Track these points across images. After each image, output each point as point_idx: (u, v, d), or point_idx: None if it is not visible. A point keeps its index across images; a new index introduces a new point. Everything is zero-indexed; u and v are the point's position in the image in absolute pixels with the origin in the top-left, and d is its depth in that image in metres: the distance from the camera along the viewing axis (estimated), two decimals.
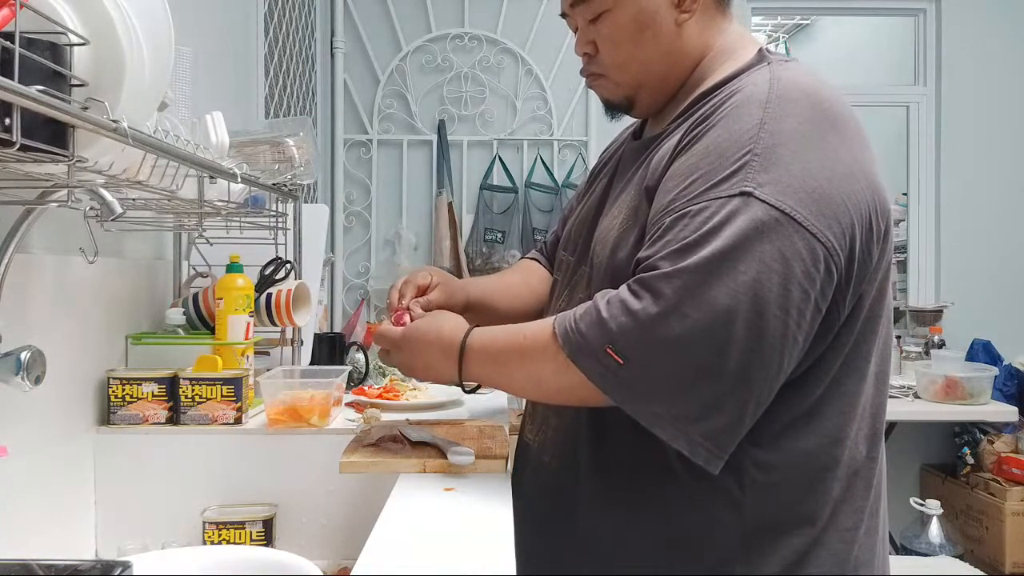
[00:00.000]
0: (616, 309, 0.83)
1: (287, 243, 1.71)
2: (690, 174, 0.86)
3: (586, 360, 0.84)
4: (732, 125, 0.86)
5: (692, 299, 0.79)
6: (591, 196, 1.13)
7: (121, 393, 1.28)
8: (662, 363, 0.80)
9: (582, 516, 0.97)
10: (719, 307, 0.78)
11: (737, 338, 0.78)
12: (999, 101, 3.49)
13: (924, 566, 2.37)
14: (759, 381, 0.81)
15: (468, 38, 3.43)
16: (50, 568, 0.78)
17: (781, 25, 4.86)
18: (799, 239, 0.80)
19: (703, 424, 0.80)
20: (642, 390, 0.82)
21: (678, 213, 0.84)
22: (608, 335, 0.82)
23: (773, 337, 0.80)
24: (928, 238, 3.55)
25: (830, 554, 0.90)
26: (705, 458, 0.81)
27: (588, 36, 1.02)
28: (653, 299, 0.80)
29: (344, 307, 3.42)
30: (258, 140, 1.49)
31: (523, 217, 3.35)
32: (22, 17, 0.67)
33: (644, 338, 0.81)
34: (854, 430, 0.91)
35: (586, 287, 1.00)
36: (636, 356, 0.81)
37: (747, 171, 0.82)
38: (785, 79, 0.89)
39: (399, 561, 0.78)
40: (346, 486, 1.27)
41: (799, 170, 0.82)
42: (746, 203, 0.81)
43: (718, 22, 1.01)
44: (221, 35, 2.10)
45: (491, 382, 1.00)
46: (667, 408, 0.81)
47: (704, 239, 0.81)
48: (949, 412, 2.79)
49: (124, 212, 0.88)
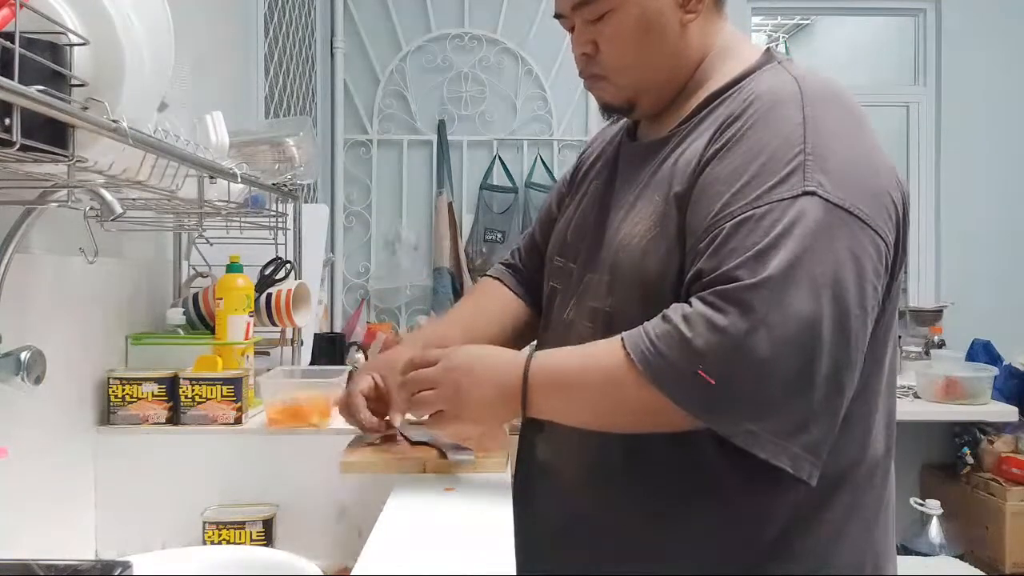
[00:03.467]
0: (701, 327, 0.78)
1: (287, 243, 1.71)
2: (739, 178, 0.84)
3: (673, 384, 0.79)
4: (774, 126, 0.85)
5: (780, 309, 0.76)
6: (585, 198, 1.10)
7: (121, 393, 1.28)
8: (757, 379, 0.77)
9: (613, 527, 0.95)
10: (805, 314, 0.76)
11: (825, 343, 0.77)
12: (999, 101, 3.49)
13: (924, 566, 2.37)
14: (848, 383, 0.80)
15: (468, 38, 3.43)
16: (50, 568, 0.78)
17: (781, 25, 4.86)
18: (865, 236, 0.81)
19: (803, 436, 0.78)
20: (736, 409, 0.78)
21: (739, 218, 0.81)
22: (697, 356, 0.77)
23: (856, 337, 0.79)
24: (928, 238, 3.55)
25: (854, 545, 0.90)
26: (808, 471, 0.79)
27: (588, 36, 0.98)
28: (741, 313, 0.77)
29: (344, 307, 3.42)
30: (258, 140, 1.49)
31: (523, 217, 3.35)
32: (22, 17, 0.67)
33: (736, 356, 0.77)
34: (875, 423, 0.91)
35: (605, 296, 0.96)
36: (729, 375, 0.77)
37: (805, 171, 0.81)
38: (809, 78, 0.90)
39: (399, 561, 0.78)
40: (346, 486, 1.27)
41: (851, 167, 0.83)
42: (812, 203, 0.80)
43: (716, 22, 1.00)
44: (221, 35, 2.10)
45: (558, 415, 0.91)
46: (764, 425, 0.77)
47: (777, 243, 0.78)
48: (949, 412, 2.79)
49: (124, 212, 0.88)
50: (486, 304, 1.23)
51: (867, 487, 0.91)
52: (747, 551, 0.89)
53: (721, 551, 0.90)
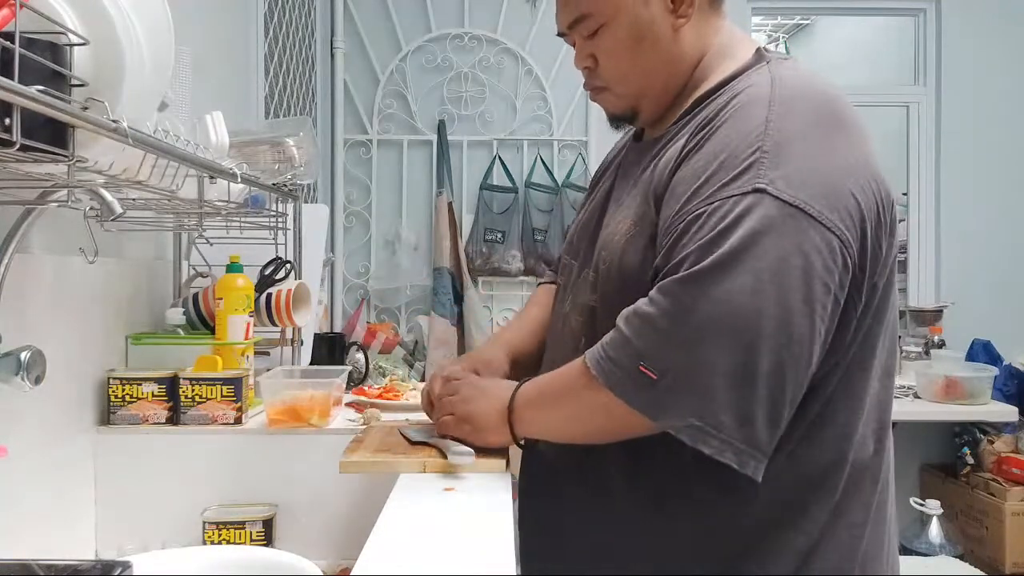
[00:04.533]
0: (636, 322, 0.81)
1: (287, 243, 1.71)
2: (699, 177, 0.85)
3: (621, 384, 0.82)
4: (738, 125, 0.86)
5: (710, 299, 0.78)
6: (593, 201, 1.13)
7: (121, 393, 1.28)
8: (692, 368, 0.78)
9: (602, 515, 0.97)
10: (741, 305, 0.77)
11: (766, 336, 0.77)
12: (999, 101, 3.49)
13: (924, 566, 2.37)
14: (792, 380, 0.80)
15: (468, 38, 3.43)
16: (50, 568, 0.78)
17: (781, 25, 4.86)
18: (815, 232, 0.80)
19: (746, 430, 0.79)
20: (680, 403, 0.80)
21: (691, 216, 0.83)
22: (636, 352, 0.81)
23: (801, 333, 0.79)
24: (928, 238, 3.55)
25: (838, 547, 0.90)
26: (753, 467, 0.80)
27: (587, 50, 1.01)
28: (670, 303, 0.79)
29: (344, 307, 3.42)
30: (258, 140, 1.49)
31: (523, 217, 3.35)
32: (22, 17, 0.67)
33: (668, 343, 0.79)
34: (861, 426, 0.91)
35: (591, 291, 0.99)
36: (666, 364, 0.79)
37: (758, 168, 0.82)
38: (787, 78, 0.90)
39: (399, 561, 0.78)
40: (346, 486, 1.27)
41: (808, 165, 0.82)
42: (759, 199, 0.80)
43: (713, 21, 1.01)
44: (221, 35, 2.10)
45: (541, 430, 0.99)
46: (707, 419, 0.79)
47: (720, 238, 0.80)
48: (949, 412, 2.79)
49: (124, 212, 0.88)
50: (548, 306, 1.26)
51: (853, 491, 0.91)
52: (721, 552, 0.90)
53: (695, 552, 0.91)
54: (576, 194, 3.31)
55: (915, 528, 2.75)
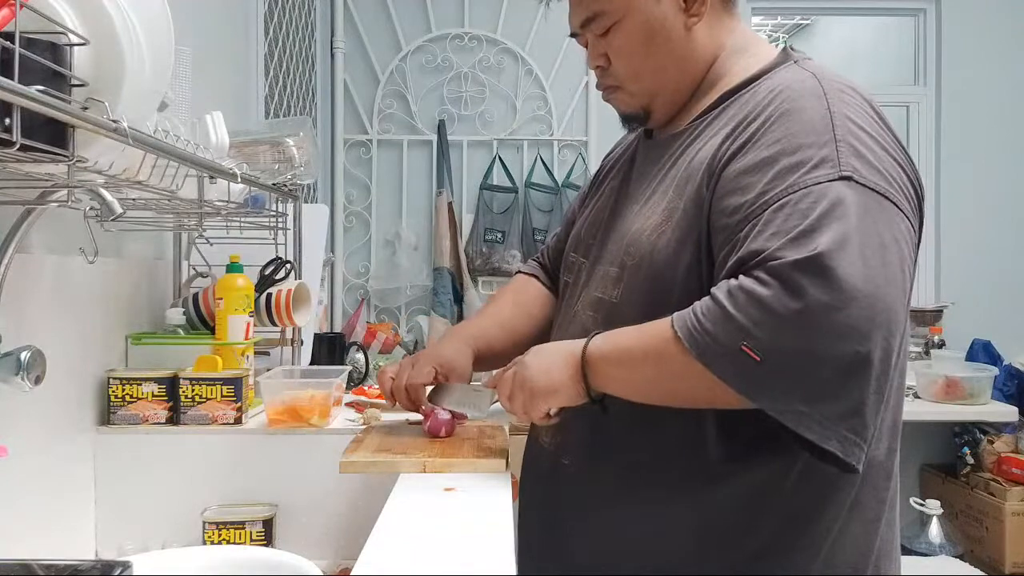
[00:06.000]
0: (742, 299, 0.77)
1: (287, 243, 1.71)
2: (772, 167, 0.83)
3: (719, 361, 0.78)
4: (800, 116, 0.86)
5: (825, 283, 0.74)
6: (600, 197, 1.13)
7: (121, 393, 1.28)
8: (812, 361, 0.75)
9: (612, 515, 0.96)
10: (857, 291, 0.74)
11: (878, 325, 0.74)
12: (999, 101, 3.49)
13: (924, 566, 2.36)
14: (894, 368, 0.78)
15: (468, 38, 3.43)
16: (50, 568, 0.78)
17: (781, 25, 4.86)
18: (900, 220, 0.81)
19: (854, 420, 0.76)
20: (787, 387, 0.76)
21: (777, 203, 0.80)
22: (740, 329, 0.76)
23: (899, 322, 0.78)
24: (928, 238, 3.55)
25: (854, 541, 0.91)
26: (858, 456, 0.77)
27: (600, 49, 1.02)
28: (787, 291, 0.75)
29: (344, 307, 3.42)
30: (258, 140, 1.49)
31: (523, 217, 3.35)
32: (22, 17, 0.67)
33: (780, 326, 0.75)
34: (881, 424, 0.91)
35: (614, 286, 0.97)
36: (778, 354, 0.75)
37: (839, 156, 0.81)
38: (827, 74, 0.91)
39: (399, 561, 0.78)
40: (346, 486, 1.27)
41: (878, 156, 0.83)
42: (849, 187, 0.80)
43: (726, 22, 1.01)
44: (221, 35, 2.10)
45: (620, 388, 0.91)
46: (817, 407, 0.76)
47: (820, 224, 0.77)
48: (949, 412, 2.79)
49: (124, 212, 0.88)
50: (523, 300, 1.27)
51: (869, 488, 0.91)
52: (743, 547, 0.90)
53: (719, 545, 0.90)
54: (576, 194, 3.30)
55: (915, 528, 2.75)
